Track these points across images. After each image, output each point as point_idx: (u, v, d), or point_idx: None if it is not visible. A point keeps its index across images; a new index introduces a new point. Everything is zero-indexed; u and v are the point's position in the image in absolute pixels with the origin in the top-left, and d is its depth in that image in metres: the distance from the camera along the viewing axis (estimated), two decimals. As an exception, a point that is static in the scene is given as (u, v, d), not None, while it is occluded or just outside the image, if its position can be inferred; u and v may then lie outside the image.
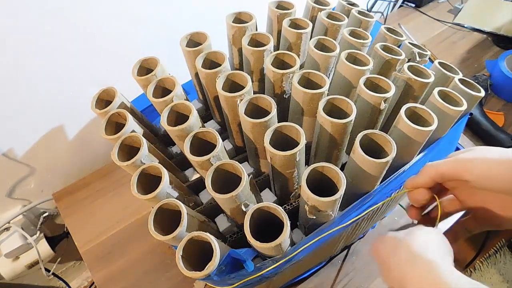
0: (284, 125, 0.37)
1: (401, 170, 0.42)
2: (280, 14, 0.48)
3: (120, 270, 0.60)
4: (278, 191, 0.45)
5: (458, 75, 0.45)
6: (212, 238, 0.32)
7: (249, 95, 0.40)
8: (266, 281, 0.39)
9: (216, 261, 0.31)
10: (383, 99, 0.39)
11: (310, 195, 0.33)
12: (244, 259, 0.33)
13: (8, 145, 0.63)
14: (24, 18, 0.51)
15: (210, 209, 0.44)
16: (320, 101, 0.38)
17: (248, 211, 0.33)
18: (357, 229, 0.51)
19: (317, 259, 0.53)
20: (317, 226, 0.38)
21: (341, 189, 0.33)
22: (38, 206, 0.73)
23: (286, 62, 0.44)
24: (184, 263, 0.31)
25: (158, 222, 0.34)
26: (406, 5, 1.17)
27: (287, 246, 0.35)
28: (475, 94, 0.43)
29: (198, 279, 0.58)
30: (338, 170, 0.34)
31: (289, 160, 0.36)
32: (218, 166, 0.35)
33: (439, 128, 0.40)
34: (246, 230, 0.33)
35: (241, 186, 0.33)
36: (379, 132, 0.36)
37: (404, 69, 0.43)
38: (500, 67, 0.85)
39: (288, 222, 0.33)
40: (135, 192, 0.35)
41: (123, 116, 0.42)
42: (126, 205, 0.68)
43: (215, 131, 0.38)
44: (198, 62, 0.43)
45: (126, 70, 0.48)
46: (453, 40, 1.03)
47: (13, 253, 0.71)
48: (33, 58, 0.55)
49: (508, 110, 0.84)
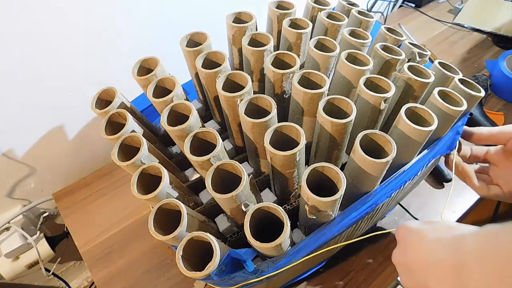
0: (284, 125, 0.37)
1: (401, 170, 0.42)
2: (280, 14, 0.48)
3: (120, 270, 0.60)
4: (278, 191, 0.45)
5: (458, 75, 0.45)
6: (212, 238, 0.32)
7: (249, 95, 0.40)
8: (267, 281, 0.39)
9: (216, 261, 0.31)
10: (383, 99, 0.39)
11: (310, 195, 0.33)
12: (244, 259, 0.33)
13: (8, 145, 0.63)
14: (25, 18, 0.51)
15: (210, 209, 0.44)
16: (320, 101, 0.38)
17: (248, 211, 0.33)
18: (357, 229, 0.51)
19: (317, 259, 0.53)
20: (317, 226, 0.38)
21: (341, 189, 0.33)
22: (38, 206, 0.73)
23: (286, 62, 0.44)
24: (184, 263, 0.31)
25: (158, 222, 0.34)
26: (406, 5, 1.17)
27: (287, 246, 0.35)
28: (475, 94, 0.43)
29: (198, 279, 0.58)
30: (338, 170, 0.34)
31: (289, 160, 0.36)
32: (218, 166, 0.35)
33: (439, 128, 0.40)
34: (246, 230, 0.33)
35: (241, 186, 0.33)
36: (379, 132, 0.36)
37: (404, 69, 0.43)
38: (500, 67, 0.85)
39: (288, 222, 0.33)
40: (135, 192, 0.35)
41: (123, 116, 0.42)
42: (126, 205, 0.68)
43: (215, 131, 0.38)
44: (198, 62, 0.43)
45: (126, 70, 0.48)
46: (453, 40, 1.03)
47: (13, 253, 0.71)
48: (33, 58, 0.55)
49: (508, 110, 0.84)
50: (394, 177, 0.41)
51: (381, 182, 0.40)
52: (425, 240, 0.30)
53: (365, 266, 0.59)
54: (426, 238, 0.30)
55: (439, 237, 0.29)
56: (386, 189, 0.41)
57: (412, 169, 0.42)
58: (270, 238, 0.32)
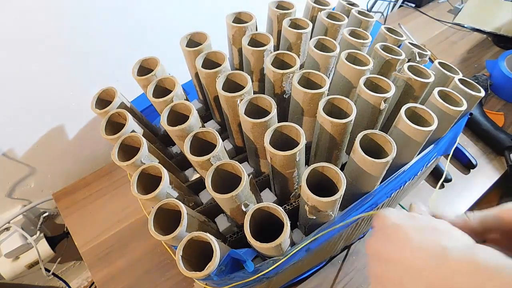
0: (284, 125, 0.37)
1: (401, 170, 0.42)
2: (280, 14, 0.48)
3: (120, 270, 0.60)
4: (278, 191, 0.45)
5: (458, 75, 0.45)
6: (212, 238, 0.32)
7: (249, 95, 0.40)
8: (267, 281, 0.39)
9: (216, 262, 0.31)
10: (383, 99, 0.39)
11: (310, 195, 0.33)
12: (244, 259, 0.33)
13: (8, 145, 0.63)
14: (25, 19, 0.51)
15: (210, 209, 0.44)
16: (320, 101, 0.38)
17: (248, 211, 0.33)
18: (357, 229, 0.51)
19: (317, 259, 0.53)
20: (317, 226, 0.38)
21: (341, 189, 0.33)
22: (38, 206, 0.73)
23: (286, 62, 0.44)
24: (184, 263, 0.31)
25: (158, 222, 0.34)
26: (406, 5, 1.17)
27: (287, 246, 0.35)
28: (475, 94, 0.43)
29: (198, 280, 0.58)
30: (338, 170, 0.34)
31: (289, 160, 0.36)
32: (218, 166, 0.35)
33: (439, 128, 0.40)
34: (246, 230, 0.33)
35: (241, 186, 0.33)
36: (379, 132, 0.36)
37: (404, 69, 0.43)
38: (500, 67, 0.85)
39: (288, 222, 0.33)
40: (135, 192, 0.35)
41: (123, 116, 0.42)
42: (126, 205, 0.68)
43: (215, 131, 0.38)
44: (198, 62, 0.43)
45: (126, 70, 0.48)
46: (453, 40, 1.03)
47: (13, 253, 0.71)
48: (33, 58, 0.55)
49: (508, 110, 0.84)
50: (394, 177, 0.41)
51: (381, 182, 0.40)
52: (408, 241, 0.26)
53: (365, 266, 0.59)
54: (408, 239, 0.27)
55: (423, 243, 0.26)
56: (386, 189, 0.41)
57: (412, 169, 0.42)
58: (270, 238, 0.32)
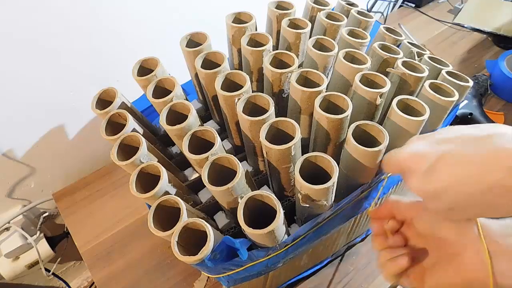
0: (280, 120, 0.37)
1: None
2: (279, 14, 0.48)
3: (120, 270, 0.60)
4: (276, 187, 0.45)
5: (448, 68, 0.46)
6: (206, 224, 0.32)
7: (247, 94, 0.40)
8: (264, 273, 0.39)
9: (210, 246, 0.31)
10: (379, 94, 0.39)
11: (303, 184, 0.33)
12: (238, 247, 0.33)
13: (8, 145, 0.63)
14: (25, 18, 0.51)
15: (209, 208, 0.44)
16: (318, 99, 0.39)
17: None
18: (357, 226, 0.51)
19: (317, 256, 0.53)
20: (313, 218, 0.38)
21: (333, 176, 0.34)
22: (38, 206, 0.74)
23: (284, 62, 0.44)
24: (180, 249, 0.32)
25: (157, 220, 0.34)
26: (406, 5, 1.17)
27: (281, 235, 0.36)
28: (464, 84, 0.44)
29: (198, 280, 0.58)
30: (330, 159, 0.35)
31: (285, 155, 0.36)
32: (214, 160, 0.36)
33: (433, 119, 0.41)
34: (239, 217, 0.33)
35: (236, 178, 0.34)
36: (371, 123, 0.37)
37: (398, 65, 0.43)
38: (500, 67, 0.85)
39: (281, 208, 0.33)
40: (134, 191, 0.36)
41: (123, 117, 0.42)
42: (126, 205, 0.68)
43: (214, 130, 0.38)
44: (198, 62, 0.43)
45: (126, 70, 0.48)
46: (453, 40, 1.03)
47: (13, 253, 0.72)
48: (33, 58, 0.55)
49: (508, 110, 0.84)
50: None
51: (376, 175, 0.41)
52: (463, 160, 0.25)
53: (365, 266, 0.59)
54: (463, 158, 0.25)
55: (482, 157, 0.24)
56: (381, 182, 0.41)
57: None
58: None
